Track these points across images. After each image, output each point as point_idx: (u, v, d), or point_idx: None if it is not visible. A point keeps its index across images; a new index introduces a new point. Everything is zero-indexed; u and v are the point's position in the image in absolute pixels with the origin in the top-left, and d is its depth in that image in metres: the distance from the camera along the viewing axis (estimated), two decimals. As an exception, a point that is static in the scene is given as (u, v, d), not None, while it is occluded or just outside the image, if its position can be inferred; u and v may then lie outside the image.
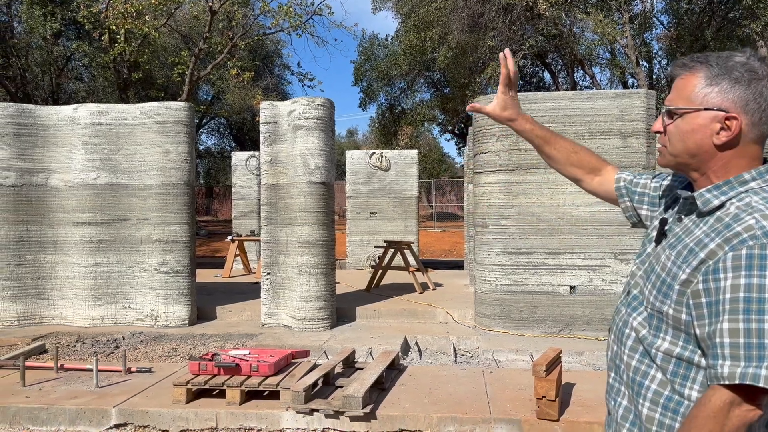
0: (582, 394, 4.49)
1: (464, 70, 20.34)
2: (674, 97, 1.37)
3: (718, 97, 1.29)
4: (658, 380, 1.32)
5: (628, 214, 1.72)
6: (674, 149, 1.37)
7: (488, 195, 6.50)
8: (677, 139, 1.35)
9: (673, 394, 1.30)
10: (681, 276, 1.27)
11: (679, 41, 18.70)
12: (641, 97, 6.27)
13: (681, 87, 1.35)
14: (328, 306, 6.72)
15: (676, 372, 1.29)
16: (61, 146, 7.05)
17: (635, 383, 1.37)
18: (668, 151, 1.39)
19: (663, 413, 1.30)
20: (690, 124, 1.33)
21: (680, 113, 1.34)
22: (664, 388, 1.31)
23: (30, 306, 6.97)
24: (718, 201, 1.30)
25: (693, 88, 1.32)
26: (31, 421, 4.27)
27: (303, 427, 4.16)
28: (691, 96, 1.32)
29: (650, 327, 1.35)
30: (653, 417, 1.32)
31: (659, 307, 1.31)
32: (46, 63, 20.19)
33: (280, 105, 6.95)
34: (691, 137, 1.33)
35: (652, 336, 1.34)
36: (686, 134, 1.33)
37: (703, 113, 1.31)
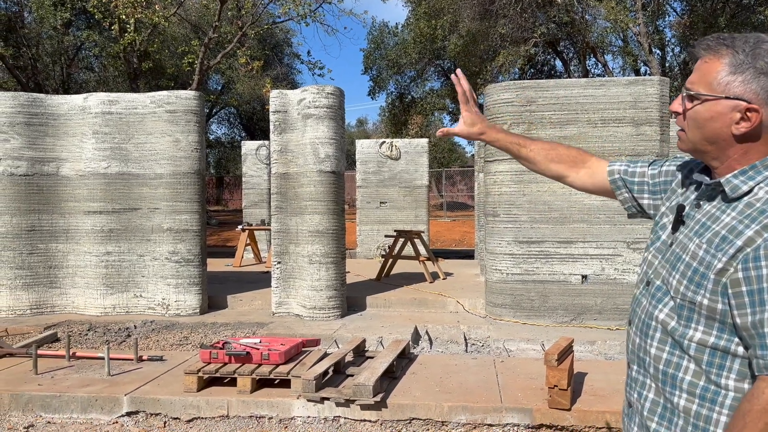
0: (594, 383, 4.46)
1: (475, 58, 20.21)
2: (696, 81, 1.32)
3: (741, 87, 1.25)
4: (691, 371, 1.29)
5: (626, 206, 1.68)
6: (693, 135, 1.34)
7: (499, 184, 6.46)
8: (695, 125, 1.32)
9: (709, 384, 1.27)
10: (716, 265, 1.23)
11: (693, 28, 18.47)
12: (655, 84, 6.19)
13: (704, 71, 1.30)
14: (339, 295, 6.71)
15: (712, 362, 1.26)
16: (71, 135, 7.07)
17: (667, 375, 1.33)
18: (687, 137, 1.35)
19: (700, 404, 1.28)
20: (709, 111, 1.29)
21: (701, 99, 1.30)
22: (698, 378, 1.28)
23: (42, 295, 7.01)
24: (747, 186, 1.27)
25: (716, 74, 1.28)
26: (44, 409, 4.30)
27: (314, 415, 4.16)
28: (713, 82, 1.28)
29: (680, 318, 1.31)
30: (690, 408, 1.29)
31: (691, 297, 1.27)
32: (57, 53, 20.24)
33: (289, 94, 6.92)
34: (709, 125, 1.29)
35: (683, 327, 1.30)
36: (705, 121, 1.30)
37: (723, 102, 1.27)
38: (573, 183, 1.78)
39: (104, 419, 4.24)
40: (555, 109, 6.27)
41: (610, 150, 6.19)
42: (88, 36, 19.37)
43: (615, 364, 5.04)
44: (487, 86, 6.80)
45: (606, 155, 6.20)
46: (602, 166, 1.72)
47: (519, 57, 18.79)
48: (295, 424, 4.13)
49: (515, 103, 6.35)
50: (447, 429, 4.03)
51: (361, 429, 4.07)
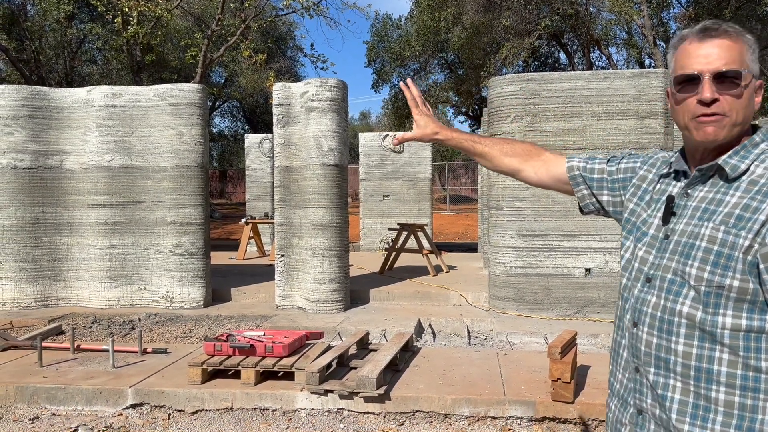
0: (597, 376, 4.47)
1: (479, 50, 20.14)
2: (728, 61, 1.30)
3: (756, 66, 1.34)
4: (726, 361, 1.25)
5: (584, 203, 1.68)
6: (738, 117, 1.31)
7: (503, 177, 6.44)
8: (745, 105, 1.31)
9: (748, 372, 1.24)
10: (743, 243, 1.22)
11: (697, 21, 18.34)
12: (659, 76, 6.16)
13: (736, 51, 1.31)
14: (342, 288, 6.72)
15: (748, 347, 1.23)
16: (75, 129, 7.07)
17: (701, 371, 1.28)
18: (732, 121, 1.31)
19: (743, 394, 1.24)
20: (750, 90, 1.33)
21: (746, 79, 1.31)
22: (735, 368, 1.25)
23: (46, 288, 7.04)
24: (744, 165, 1.30)
25: (745, 54, 1.32)
26: (49, 401, 4.32)
27: (317, 407, 4.17)
28: (747, 62, 1.32)
29: (706, 306, 1.27)
30: (733, 401, 1.25)
31: (719, 281, 1.25)
32: (60, 46, 20.24)
33: (293, 87, 6.91)
34: (751, 103, 1.33)
35: (711, 315, 1.26)
36: (749, 99, 1.33)
37: (753, 80, 1.33)
38: (528, 178, 1.77)
39: (109, 411, 4.26)
40: (559, 102, 6.25)
41: (614, 143, 6.17)
42: (91, 29, 19.35)
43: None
44: (491, 79, 6.78)
45: (610, 148, 6.18)
46: (559, 161, 1.71)
47: (523, 49, 18.71)
48: (299, 417, 4.15)
49: (519, 95, 6.33)
50: (450, 421, 4.04)
51: (364, 421, 4.08)
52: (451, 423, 4.03)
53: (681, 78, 1.34)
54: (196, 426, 4.07)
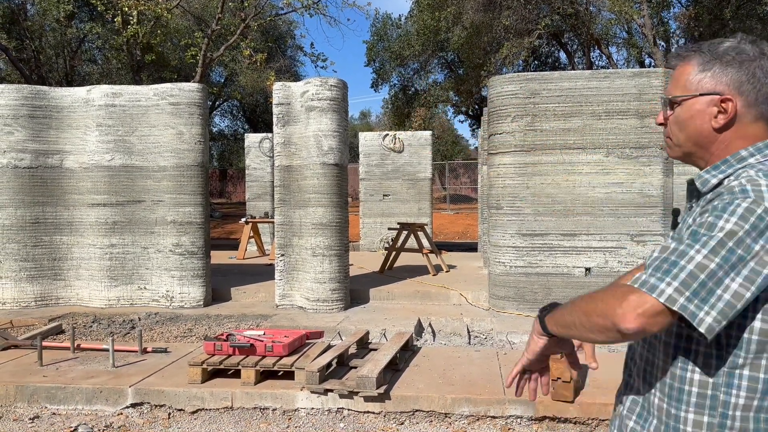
0: (597, 376, 4.46)
1: (479, 50, 20.13)
2: (672, 87, 1.39)
3: (712, 81, 1.31)
4: (660, 367, 1.34)
5: None
6: (677, 139, 1.38)
7: (503, 176, 6.45)
8: (678, 128, 1.37)
9: (673, 381, 1.29)
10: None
11: (698, 20, 18.38)
12: (659, 76, 6.16)
13: (677, 76, 1.37)
14: (342, 287, 6.72)
15: (678, 346, 1.29)
16: (75, 128, 7.07)
17: (642, 370, 1.39)
18: (673, 142, 1.40)
19: (667, 401, 1.30)
20: (689, 111, 1.34)
21: (678, 101, 1.36)
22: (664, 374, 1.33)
23: (47, 287, 7.04)
24: (716, 180, 1.30)
25: (688, 75, 1.34)
26: (49, 400, 4.32)
27: (317, 407, 4.18)
28: (686, 84, 1.34)
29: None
30: (662, 406, 1.31)
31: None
32: (60, 45, 20.24)
33: (293, 86, 6.91)
34: (690, 124, 1.34)
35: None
36: (686, 121, 1.35)
37: (699, 99, 1.32)
38: None
39: (109, 410, 4.26)
40: (559, 102, 6.25)
41: (614, 142, 6.18)
42: (91, 28, 19.36)
43: (618, 357, 5.03)
44: (491, 78, 6.77)
45: (610, 147, 6.18)
46: None
47: (523, 49, 18.72)
48: (299, 416, 4.15)
49: (519, 95, 6.33)
50: (450, 421, 4.04)
51: (364, 421, 4.08)
52: (451, 422, 4.03)
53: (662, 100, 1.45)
54: (196, 425, 4.07)
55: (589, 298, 1.26)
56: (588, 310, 1.23)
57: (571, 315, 1.30)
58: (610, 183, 6.17)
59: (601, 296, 1.22)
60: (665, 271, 1.15)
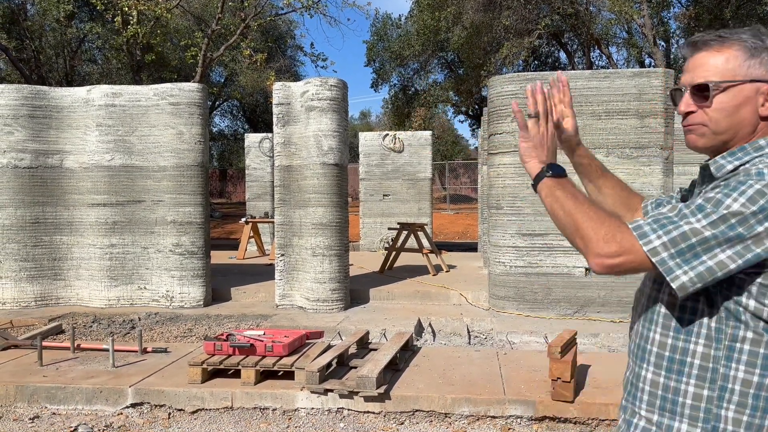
0: (597, 376, 4.47)
1: (479, 50, 20.14)
2: (704, 73, 1.32)
3: (762, 68, 1.29)
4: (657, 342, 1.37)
5: None
6: (719, 127, 1.32)
7: (503, 176, 6.44)
8: (723, 115, 1.31)
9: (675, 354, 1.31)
10: None
11: (698, 20, 18.37)
12: (659, 76, 6.16)
13: (715, 61, 1.31)
14: (342, 287, 6.72)
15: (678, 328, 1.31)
16: (75, 128, 7.07)
17: (639, 348, 1.40)
18: (712, 130, 1.33)
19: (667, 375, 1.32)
20: (737, 98, 1.30)
21: (723, 87, 1.30)
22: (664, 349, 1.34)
23: (47, 287, 7.04)
24: (731, 166, 1.29)
25: (735, 60, 1.29)
26: (49, 400, 4.32)
27: (317, 407, 4.18)
28: (734, 69, 1.29)
29: (662, 285, 1.35)
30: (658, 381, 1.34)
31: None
32: (60, 45, 20.24)
33: (293, 86, 6.91)
34: (738, 111, 1.30)
35: (657, 293, 1.37)
36: (734, 108, 1.30)
37: (747, 86, 1.29)
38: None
39: (109, 410, 4.26)
40: (559, 102, 6.23)
41: (614, 142, 6.17)
42: (91, 28, 19.36)
43: (618, 357, 5.05)
44: (491, 78, 6.77)
45: (610, 147, 6.18)
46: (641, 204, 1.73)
47: (523, 49, 18.72)
48: (299, 416, 4.15)
49: (519, 95, 6.32)
50: (450, 421, 4.04)
51: (364, 421, 4.08)
52: (451, 422, 4.03)
53: (674, 93, 1.40)
54: (196, 425, 4.07)
55: (586, 214, 1.27)
56: (578, 223, 1.27)
57: (562, 211, 1.32)
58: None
59: (597, 221, 1.25)
60: (661, 225, 1.19)
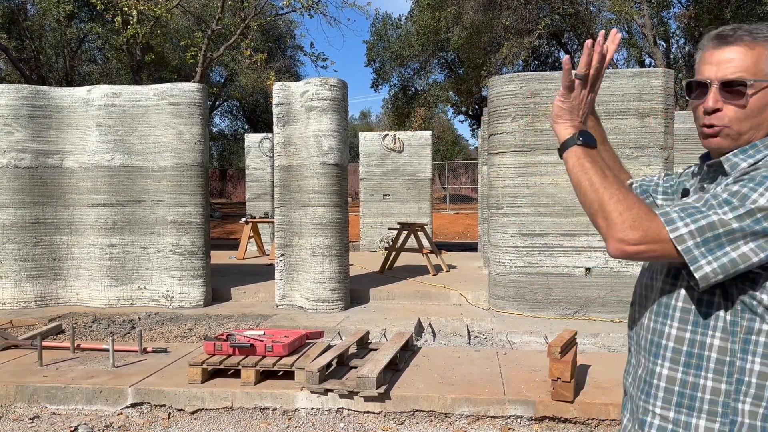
0: (597, 376, 4.47)
1: (479, 50, 20.14)
2: (740, 69, 1.27)
3: None
4: (674, 336, 1.33)
5: None
6: (743, 127, 1.29)
7: (503, 176, 6.44)
8: (750, 116, 1.28)
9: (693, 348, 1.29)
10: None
11: (698, 20, 18.37)
12: (659, 76, 6.16)
13: (748, 58, 1.28)
14: (342, 287, 6.72)
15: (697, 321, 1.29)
16: (75, 128, 7.07)
17: (653, 344, 1.36)
18: (737, 131, 1.29)
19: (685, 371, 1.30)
20: (763, 99, 1.27)
21: (758, 88, 1.27)
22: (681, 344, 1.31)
23: (47, 287, 7.04)
24: (746, 164, 1.28)
25: (766, 59, 1.27)
26: (49, 400, 4.32)
27: (317, 407, 4.18)
28: (765, 68, 1.27)
29: (674, 278, 1.33)
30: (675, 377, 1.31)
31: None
32: (60, 45, 20.24)
33: (293, 86, 6.91)
34: (762, 113, 1.28)
35: (670, 287, 1.33)
36: (759, 110, 1.27)
37: None
38: None
39: (109, 410, 4.26)
40: (559, 102, 6.23)
41: (614, 142, 6.17)
42: (91, 28, 19.36)
43: (618, 357, 5.05)
44: (491, 78, 6.77)
45: (610, 147, 6.17)
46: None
47: (523, 49, 18.72)
48: (299, 416, 4.15)
49: (519, 95, 6.33)
50: (450, 421, 4.04)
51: (364, 421, 4.08)
52: (451, 422, 4.03)
53: (693, 84, 1.34)
54: (196, 425, 4.07)
55: (615, 195, 1.22)
56: (604, 202, 1.23)
57: (591, 185, 1.26)
58: (610, 183, 6.17)
59: (624, 203, 1.21)
60: (689, 213, 1.17)
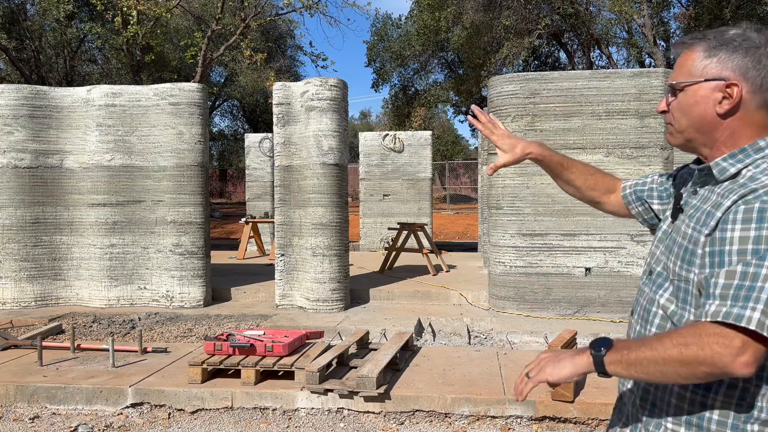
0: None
1: (479, 50, 20.14)
2: (676, 74, 1.39)
3: (718, 67, 1.31)
4: None
5: (641, 219, 1.70)
6: (680, 125, 1.38)
7: (503, 176, 6.44)
8: (681, 114, 1.37)
9: None
10: (701, 239, 1.26)
11: (698, 20, 18.37)
12: (659, 76, 6.16)
13: (681, 63, 1.38)
14: (342, 287, 6.72)
15: None
16: (75, 128, 7.07)
17: None
18: (675, 128, 1.39)
19: (694, 389, 1.28)
20: (693, 97, 1.34)
21: (681, 87, 1.36)
22: None
23: (47, 287, 7.04)
24: (734, 169, 1.30)
25: (693, 61, 1.34)
26: (49, 400, 4.32)
27: (317, 407, 4.18)
28: (691, 69, 1.35)
29: (678, 300, 1.32)
30: (684, 395, 1.29)
31: (685, 276, 1.30)
32: (60, 45, 20.24)
33: (293, 86, 6.91)
34: (694, 109, 1.34)
35: (680, 310, 1.31)
36: (689, 107, 1.35)
37: (704, 84, 1.33)
38: (605, 208, 1.81)
39: (109, 410, 4.26)
40: (559, 101, 6.25)
41: (614, 142, 6.17)
42: (90, 28, 19.35)
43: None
44: (491, 78, 6.77)
45: (610, 147, 6.18)
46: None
47: (523, 49, 18.71)
48: (299, 416, 4.15)
49: (519, 95, 6.33)
50: (450, 421, 4.04)
51: (364, 421, 4.08)
52: (451, 422, 4.03)
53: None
54: (196, 425, 4.07)
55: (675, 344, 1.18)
56: (684, 358, 1.16)
57: (654, 364, 1.21)
58: (610, 183, 6.18)
59: (689, 341, 1.16)
60: (745, 297, 1.13)
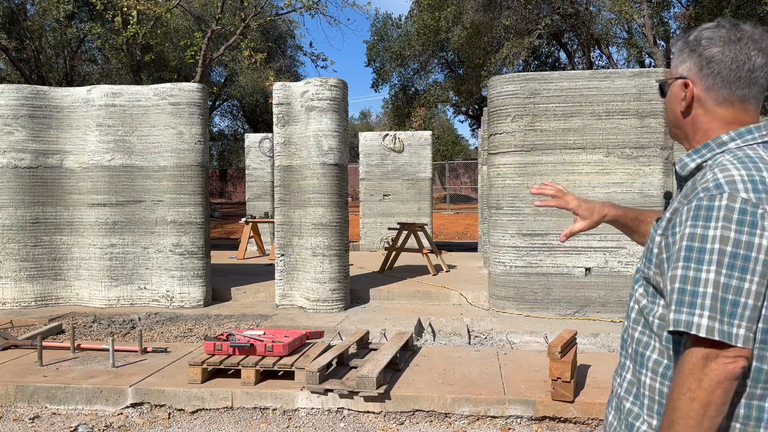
0: (597, 375, 4.47)
1: (479, 50, 20.14)
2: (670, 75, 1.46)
3: (681, 66, 1.38)
4: (656, 349, 1.31)
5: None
6: (667, 120, 1.46)
7: (503, 176, 6.45)
8: (666, 110, 1.45)
9: (671, 362, 1.28)
10: (656, 239, 1.31)
11: (698, 20, 18.36)
12: (659, 76, 6.16)
13: (672, 65, 1.44)
14: (342, 287, 6.72)
15: (669, 338, 1.28)
16: (75, 128, 7.07)
17: (638, 354, 1.35)
18: (667, 123, 1.52)
19: (662, 382, 1.29)
20: (669, 94, 1.42)
21: (664, 83, 1.44)
22: (662, 356, 1.30)
23: (47, 287, 7.04)
24: (694, 164, 1.33)
25: (673, 60, 1.42)
26: (49, 400, 4.32)
27: (317, 407, 4.18)
28: (672, 68, 1.42)
29: (648, 295, 1.35)
30: (654, 386, 1.30)
31: (646, 273, 1.34)
32: (60, 45, 20.23)
33: (293, 86, 6.91)
34: (669, 106, 1.43)
35: (650, 303, 1.34)
36: (668, 104, 1.44)
37: (674, 83, 1.39)
38: None
39: (109, 410, 4.26)
40: (559, 101, 6.25)
41: (614, 142, 6.17)
42: (90, 28, 19.35)
43: (618, 357, 5.04)
44: (491, 78, 6.77)
45: (610, 147, 6.18)
46: None
47: (523, 49, 18.71)
48: (299, 416, 4.15)
49: (519, 95, 6.33)
50: (450, 421, 4.04)
51: (364, 420, 4.08)
52: (451, 422, 4.03)
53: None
54: (196, 425, 4.07)
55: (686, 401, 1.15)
56: (703, 401, 1.14)
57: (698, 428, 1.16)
58: (610, 183, 6.18)
59: (687, 388, 1.15)
60: (690, 303, 1.14)
